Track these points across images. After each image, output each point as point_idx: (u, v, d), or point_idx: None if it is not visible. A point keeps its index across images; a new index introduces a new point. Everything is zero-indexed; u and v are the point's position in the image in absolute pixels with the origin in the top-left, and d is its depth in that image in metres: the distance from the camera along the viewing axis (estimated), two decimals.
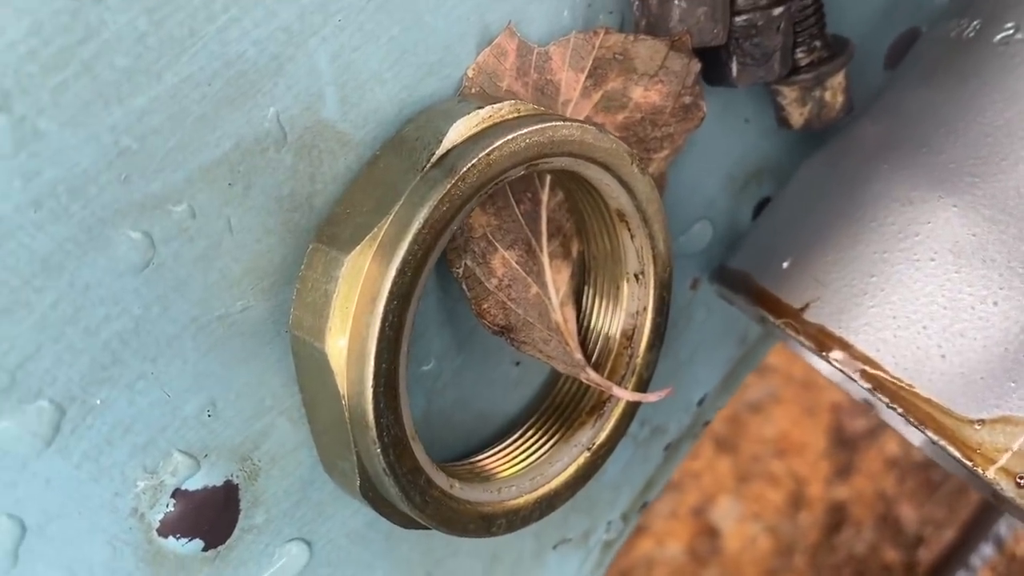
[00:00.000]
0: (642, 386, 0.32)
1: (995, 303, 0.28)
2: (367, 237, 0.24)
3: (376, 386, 0.25)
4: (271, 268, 0.25)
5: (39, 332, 0.22)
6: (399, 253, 0.24)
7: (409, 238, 0.24)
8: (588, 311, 0.32)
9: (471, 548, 0.33)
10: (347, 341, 0.25)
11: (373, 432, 0.25)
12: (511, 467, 0.31)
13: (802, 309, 0.31)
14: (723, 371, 0.40)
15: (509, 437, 0.32)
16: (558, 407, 0.33)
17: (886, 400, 0.29)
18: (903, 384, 0.29)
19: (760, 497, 1.15)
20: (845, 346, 0.29)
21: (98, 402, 0.23)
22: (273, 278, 0.25)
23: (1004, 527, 1.16)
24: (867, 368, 0.29)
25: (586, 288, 0.32)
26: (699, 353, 0.39)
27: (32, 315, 0.22)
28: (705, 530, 1.13)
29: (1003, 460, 0.28)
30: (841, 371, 0.29)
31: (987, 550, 1.15)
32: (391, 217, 0.24)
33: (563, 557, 0.36)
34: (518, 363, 0.33)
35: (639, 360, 0.32)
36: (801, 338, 0.30)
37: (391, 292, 0.24)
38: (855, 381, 0.29)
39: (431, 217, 0.24)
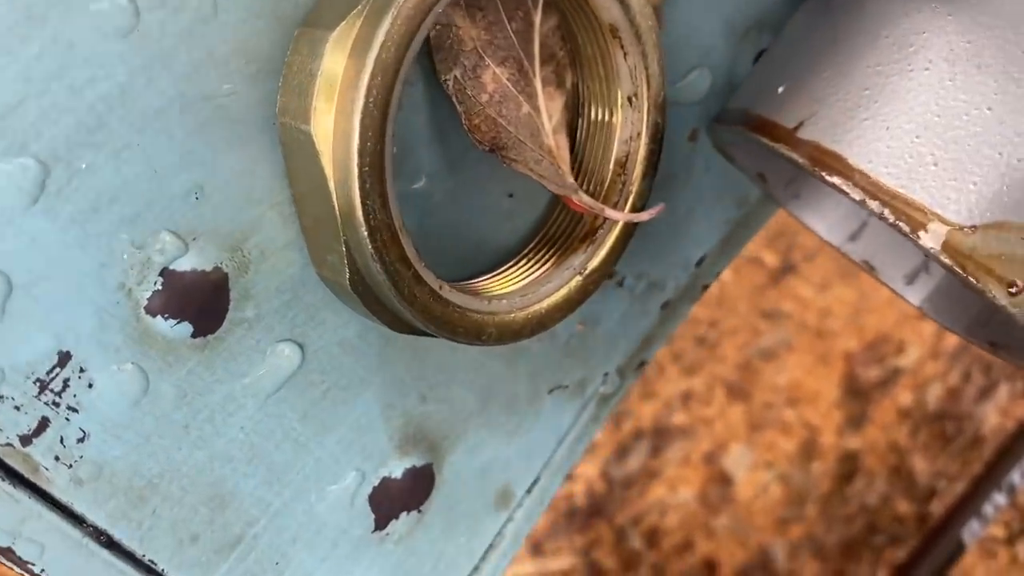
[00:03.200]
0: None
1: (989, 108, 0.28)
2: (352, 13, 0.24)
3: (362, 164, 0.25)
4: (258, 54, 0.25)
5: (23, 83, 0.22)
6: (383, 26, 0.24)
7: (392, 11, 0.24)
8: (581, 143, 0.32)
9: (465, 378, 0.33)
10: (332, 120, 0.25)
11: (359, 213, 0.25)
12: (503, 287, 0.31)
13: (796, 128, 0.30)
14: (722, 232, 0.40)
15: (502, 266, 0.32)
16: (552, 237, 0.32)
17: (879, 210, 0.28)
18: (896, 192, 0.28)
19: (772, 445, 1.14)
20: (838, 159, 0.29)
21: (83, 166, 0.23)
22: (260, 64, 0.25)
23: (1018, 478, 1.16)
24: (860, 179, 0.29)
25: (579, 121, 0.32)
26: (697, 211, 0.39)
27: (15, 64, 0.22)
28: (717, 477, 1.13)
29: (995, 266, 0.28)
30: (834, 185, 0.29)
31: (1000, 501, 1.15)
32: None
33: (559, 403, 0.36)
34: (511, 195, 0.33)
35: (632, 188, 0.32)
36: (795, 156, 0.30)
37: (375, 66, 0.24)
38: (847, 193, 0.29)
39: None
